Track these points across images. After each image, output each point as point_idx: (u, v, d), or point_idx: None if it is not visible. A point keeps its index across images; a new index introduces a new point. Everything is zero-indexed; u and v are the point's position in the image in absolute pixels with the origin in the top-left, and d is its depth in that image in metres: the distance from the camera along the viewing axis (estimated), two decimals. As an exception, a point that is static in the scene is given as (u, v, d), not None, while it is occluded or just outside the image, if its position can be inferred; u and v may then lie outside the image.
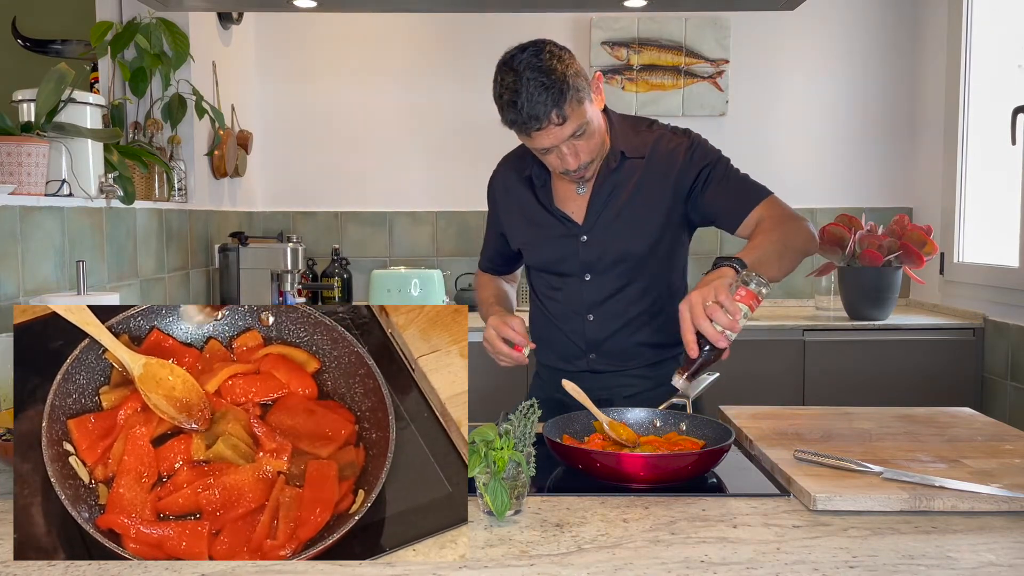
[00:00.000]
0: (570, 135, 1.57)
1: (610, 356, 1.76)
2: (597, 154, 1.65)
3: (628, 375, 1.77)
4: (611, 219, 1.71)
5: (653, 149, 1.71)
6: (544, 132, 1.55)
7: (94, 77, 2.84)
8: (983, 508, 1.12)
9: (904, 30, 3.63)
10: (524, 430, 1.12)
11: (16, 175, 1.88)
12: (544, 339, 1.84)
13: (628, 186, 1.70)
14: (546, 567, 0.95)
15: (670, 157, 1.70)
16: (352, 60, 3.65)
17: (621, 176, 1.70)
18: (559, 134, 1.56)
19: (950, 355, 3.05)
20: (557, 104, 1.52)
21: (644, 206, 1.70)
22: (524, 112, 1.53)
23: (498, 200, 1.87)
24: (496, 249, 1.93)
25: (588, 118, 1.58)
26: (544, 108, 1.52)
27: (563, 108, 1.53)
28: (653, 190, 1.70)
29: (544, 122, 1.53)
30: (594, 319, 1.74)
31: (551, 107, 1.52)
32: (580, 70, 1.57)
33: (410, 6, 3.23)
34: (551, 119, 1.53)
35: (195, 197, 2.98)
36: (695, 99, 3.61)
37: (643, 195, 1.70)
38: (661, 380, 1.77)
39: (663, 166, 1.70)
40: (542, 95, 1.52)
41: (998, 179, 3.11)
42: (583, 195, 1.73)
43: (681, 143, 1.72)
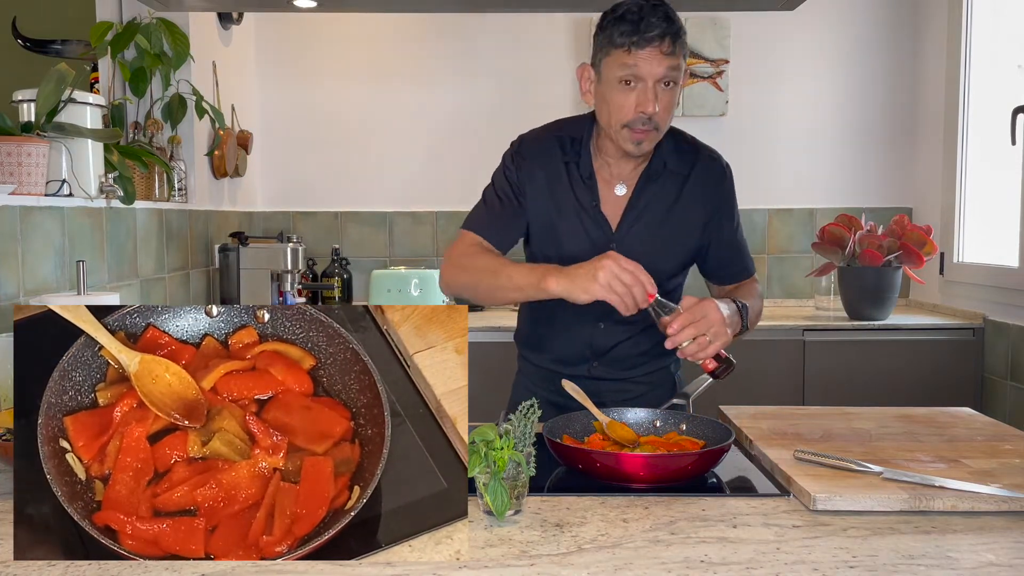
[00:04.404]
0: (664, 73, 1.51)
1: (613, 364, 1.74)
2: (664, 128, 1.58)
3: (628, 382, 1.76)
4: (645, 233, 1.66)
5: (694, 168, 1.68)
6: (648, 53, 1.49)
7: (94, 77, 2.84)
8: (983, 508, 1.12)
9: (904, 30, 3.63)
10: (524, 430, 1.12)
11: (16, 175, 1.88)
12: (541, 340, 1.78)
13: (666, 200, 1.66)
14: (546, 567, 0.95)
15: (708, 182, 1.69)
16: (352, 60, 3.65)
17: (661, 188, 1.66)
18: (659, 64, 1.50)
19: (950, 355, 3.05)
20: (674, 35, 1.50)
21: (680, 225, 1.67)
22: (643, 24, 1.49)
23: (526, 172, 1.67)
24: (517, 233, 1.71)
25: (683, 71, 1.54)
26: (661, 29, 1.49)
27: (675, 44, 1.50)
28: (690, 210, 1.67)
29: (656, 41, 1.49)
30: (604, 327, 1.71)
31: (668, 34, 1.49)
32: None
33: (410, 6, 3.23)
34: (664, 43, 1.49)
35: (195, 197, 2.98)
36: (695, 99, 3.61)
37: (680, 214, 1.67)
38: (656, 387, 1.78)
39: (701, 188, 1.68)
40: (662, 23, 1.49)
41: (998, 179, 3.11)
42: (621, 196, 1.67)
43: (721, 172, 1.71)
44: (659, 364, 1.79)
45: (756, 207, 3.69)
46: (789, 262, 3.71)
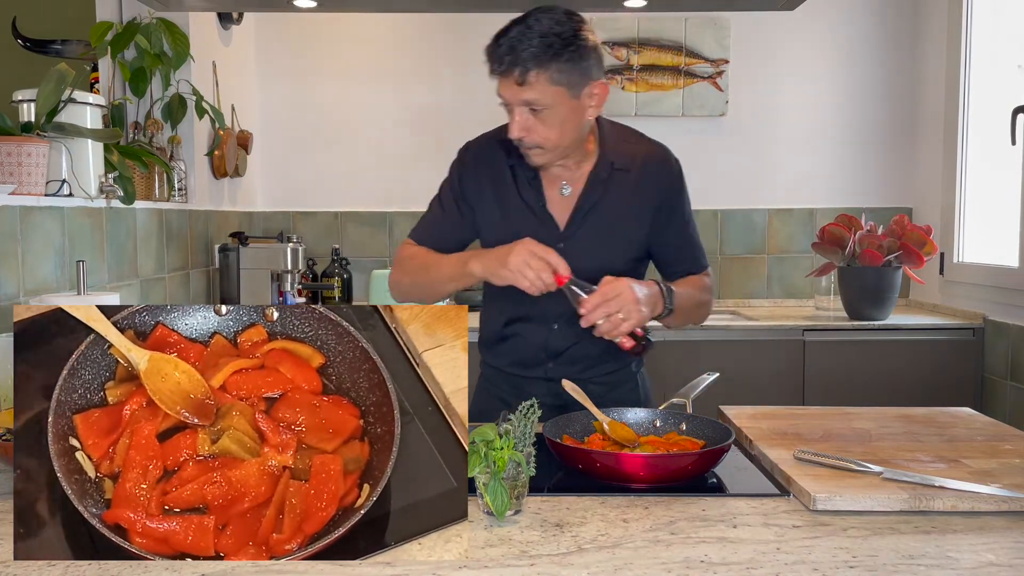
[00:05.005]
0: (523, 101, 1.52)
1: (570, 364, 1.72)
2: (553, 147, 1.58)
3: (587, 383, 1.70)
4: (593, 232, 1.67)
5: (642, 166, 1.69)
6: (504, 83, 1.52)
7: (94, 77, 2.84)
8: (983, 508, 1.12)
9: (904, 30, 3.63)
10: (524, 430, 1.13)
11: (16, 175, 1.88)
12: (499, 343, 1.78)
13: (614, 199, 1.67)
14: (546, 567, 0.95)
15: (657, 178, 1.69)
16: (352, 60, 3.65)
17: (608, 186, 1.67)
18: (514, 94, 1.52)
19: (950, 355, 3.05)
20: (523, 66, 1.48)
21: (628, 222, 1.68)
22: (495, 54, 1.50)
23: (470, 179, 1.73)
24: (457, 236, 1.75)
25: (550, 104, 1.52)
26: (506, 64, 1.49)
27: (526, 74, 1.48)
28: (638, 208, 1.68)
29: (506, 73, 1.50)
30: (559, 328, 1.71)
31: (515, 65, 1.48)
32: (591, 66, 1.54)
33: (410, 6, 3.23)
34: (513, 74, 1.49)
35: (195, 197, 2.98)
36: (695, 99, 3.61)
37: (628, 211, 1.68)
38: (616, 387, 1.77)
39: (649, 185, 1.68)
40: (507, 55, 1.48)
41: (998, 179, 3.12)
42: (567, 197, 1.68)
43: (669, 168, 1.71)
44: (619, 364, 1.78)
45: (756, 207, 3.69)
46: (789, 262, 3.71)
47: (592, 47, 1.54)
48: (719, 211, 3.69)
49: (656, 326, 1.68)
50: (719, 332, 3.07)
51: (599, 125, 1.70)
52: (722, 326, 3.11)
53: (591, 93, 1.57)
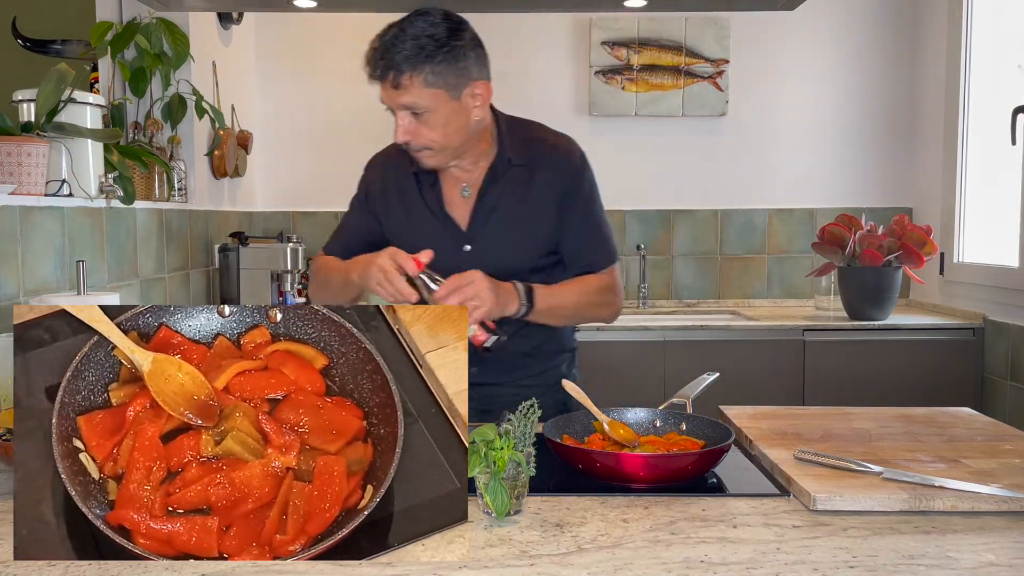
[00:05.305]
0: (403, 104, 1.51)
1: (493, 368, 1.69)
2: (441, 148, 1.57)
3: (512, 386, 1.72)
4: (497, 230, 1.65)
5: (544, 158, 1.66)
6: (383, 86, 1.51)
7: (94, 77, 2.84)
8: (983, 508, 1.12)
9: (904, 30, 3.63)
10: (524, 430, 1.13)
11: (16, 175, 1.88)
12: None
13: (515, 195, 1.65)
14: (546, 567, 0.95)
15: (558, 172, 1.66)
16: (352, 60, 3.61)
17: (507, 183, 1.65)
18: (393, 98, 1.51)
19: (950, 355, 3.06)
20: (397, 70, 1.48)
21: (533, 218, 1.66)
22: (371, 59, 1.50)
23: (375, 189, 1.75)
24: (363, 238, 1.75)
25: (429, 107, 1.51)
26: (381, 69, 1.48)
27: (399, 78, 1.48)
28: (541, 202, 1.65)
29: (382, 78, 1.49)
30: None
31: (390, 69, 1.48)
32: (470, 66, 1.52)
33: (410, 6, 3.22)
34: (388, 78, 1.49)
35: (195, 197, 2.98)
36: (695, 99, 3.61)
37: (531, 207, 1.65)
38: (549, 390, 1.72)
39: (550, 179, 1.66)
40: (381, 60, 1.48)
41: (998, 179, 3.12)
42: (468, 198, 1.66)
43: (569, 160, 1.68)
44: (547, 365, 1.76)
45: (756, 207, 3.69)
46: (789, 262, 3.71)
47: (470, 48, 1.52)
48: (719, 211, 3.69)
49: (657, 329, 1.68)
50: (719, 332, 3.08)
51: (496, 121, 1.67)
52: (722, 326, 3.11)
53: (473, 94, 1.55)
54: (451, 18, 1.53)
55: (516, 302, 1.57)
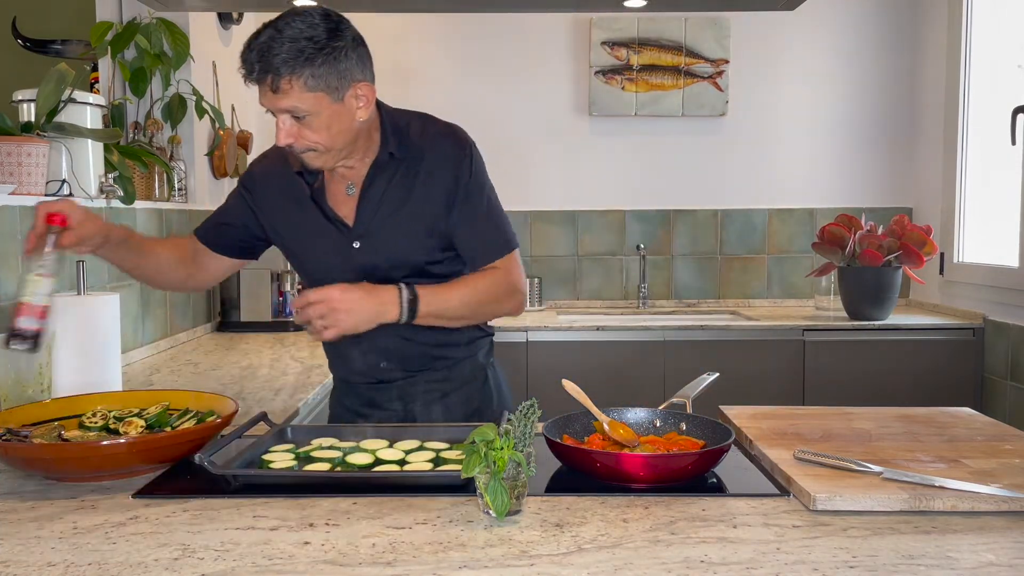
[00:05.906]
0: (282, 108, 1.45)
1: (402, 362, 1.66)
2: (326, 149, 1.51)
3: (425, 382, 1.69)
4: (384, 225, 1.60)
5: (426, 150, 1.61)
6: (260, 90, 1.45)
7: (94, 77, 2.84)
8: (983, 508, 1.12)
9: (904, 30, 3.63)
10: (524, 430, 1.12)
11: (16, 175, 1.88)
12: (334, 353, 1.73)
13: (401, 189, 1.60)
14: (546, 567, 0.95)
15: (443, 161, 1.61)
16: (352, 60, 3.64)
17: (392, 177, 1.60)
18: (271, 101, 1.45)
19: (950, 355, 3.06)
20: (275, 73, 1.41)
21: (422, 211, 1.60)
22: (244, 62, 1.43)
23: (257, 192, 1.68)
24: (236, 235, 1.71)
25: (311, 110, 1.45)
26: (257, 72, 1.42)
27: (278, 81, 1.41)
28: (429, 194, 1.60)
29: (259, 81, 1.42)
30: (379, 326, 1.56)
31: (266, 73, 1.41)
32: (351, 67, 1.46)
33: (411, 6, 3.23)
34: (266, 81, 1.41)
35: (195, 197, 2.98)
36: (695, 99, 3.61)
37: (419, 199, 1.60)
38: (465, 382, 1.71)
39: (436, 169, 1.60)
40: (257, 63, 1.41)
41: (998, 179, 3.12)
42: (353, 196, 1.62)
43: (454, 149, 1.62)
44: (461, 355, 1.71)
45: (756, 207, 3.70)
46: (789, 262, 3.71)
47: (351, 48, 1.47)
48: (719, 211, 3.69)
49: (649, 337, 1.67)
50: (719, 332, 3.08)
51: (381, 117, 1.61)
52: (722, 326, 3.11)
53: (356, 95, 1.49)
54: (330, 17, 1.46)
55: (395, 309, 1.52)
